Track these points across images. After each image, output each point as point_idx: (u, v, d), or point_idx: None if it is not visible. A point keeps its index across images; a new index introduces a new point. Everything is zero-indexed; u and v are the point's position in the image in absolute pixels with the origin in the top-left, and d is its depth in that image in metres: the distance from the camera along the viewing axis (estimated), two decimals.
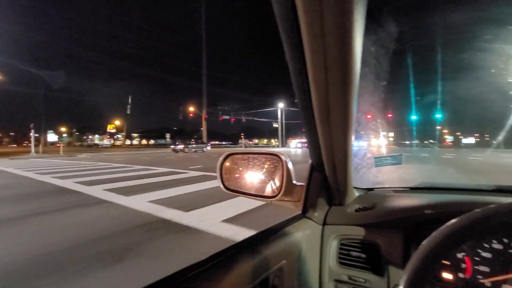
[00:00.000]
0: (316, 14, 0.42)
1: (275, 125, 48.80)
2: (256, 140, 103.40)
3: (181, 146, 26.82)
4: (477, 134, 46.34)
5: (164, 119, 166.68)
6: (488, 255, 0.41)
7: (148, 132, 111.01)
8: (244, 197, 0.82)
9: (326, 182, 0.77)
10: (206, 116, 42.05)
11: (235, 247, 0.60)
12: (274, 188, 0.77)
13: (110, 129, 69.97)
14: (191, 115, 39.84)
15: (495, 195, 0.75)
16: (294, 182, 0.74)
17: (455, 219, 0.39)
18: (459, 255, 0.42)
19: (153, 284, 0.46)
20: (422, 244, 0.39)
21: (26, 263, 2.41)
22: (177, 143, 27.92)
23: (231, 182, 0.84)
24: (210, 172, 8.48)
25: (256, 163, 0.83)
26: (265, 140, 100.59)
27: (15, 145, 70.32)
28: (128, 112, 63.57)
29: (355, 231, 0.74)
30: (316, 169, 0.76)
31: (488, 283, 0.39)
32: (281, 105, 43.53)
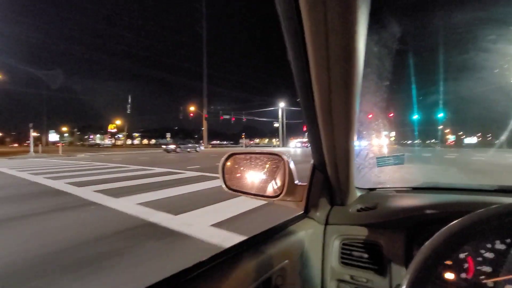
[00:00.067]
0: (320, 14, 0.42)
1: (276, 125, 48.76)
2: (257, 140, 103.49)
3: (173, 146, 26.40)
4: (480, 134, 46.16)
5: (165, 119, 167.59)
6: (491, 256, 0.41)
7: (149, 132, 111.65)
8: (246, 197, 0.82)
9: (328, 182, 0.77)
10: (207, 116, 42.12)
11: (238, 247, 0.60)
12: (276, 188, 0.77)
13: (111, 129, 70.35)
14: (192, 115, 39.91)
15: (498, 195, 0.74)
16: (296, 182, 0.74)
17: (458, 220, 0.39)
18: (462, 256, 0.42)
19: (156, 284, 0.46)
20: (425, 245, 0.39)
21: None
22: (168, 143, 27.79)
23: (233, 182, 0.84)
24: (208, 173, 8.39)
25: (258, 163, 0.83)
26: (266, 140, 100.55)
27: (17, 145, 70.68)
28: (128, 112, 63.81)
29: (357, 231, 0.74)
30: (318, 169, 0.76)
31: (491, 284, 0.39)
32: (282, 105, 43.43)
